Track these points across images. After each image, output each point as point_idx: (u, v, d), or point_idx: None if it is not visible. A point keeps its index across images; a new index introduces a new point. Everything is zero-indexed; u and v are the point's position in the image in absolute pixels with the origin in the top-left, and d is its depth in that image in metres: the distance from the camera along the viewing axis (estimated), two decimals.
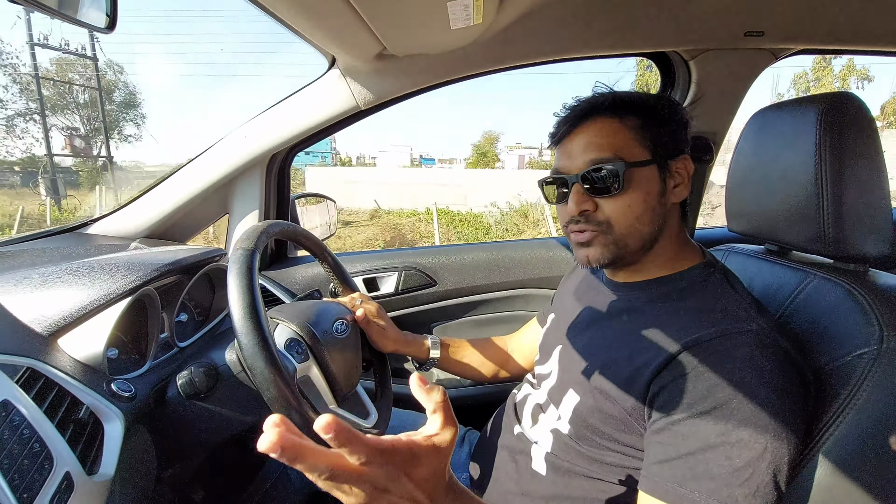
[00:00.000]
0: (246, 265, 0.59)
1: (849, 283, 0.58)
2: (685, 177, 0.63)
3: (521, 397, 0.79)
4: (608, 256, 0.63)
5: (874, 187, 0.59)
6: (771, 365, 0.50)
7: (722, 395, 0.49)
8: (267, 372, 0.55)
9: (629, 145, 0.61)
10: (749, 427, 0.48)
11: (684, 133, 0.65)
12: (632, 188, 0.61)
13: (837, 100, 0.60)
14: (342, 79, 0.98)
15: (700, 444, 0.49)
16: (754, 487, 0.46)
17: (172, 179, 1.12)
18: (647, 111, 0.63)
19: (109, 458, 0.57)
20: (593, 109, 0.63)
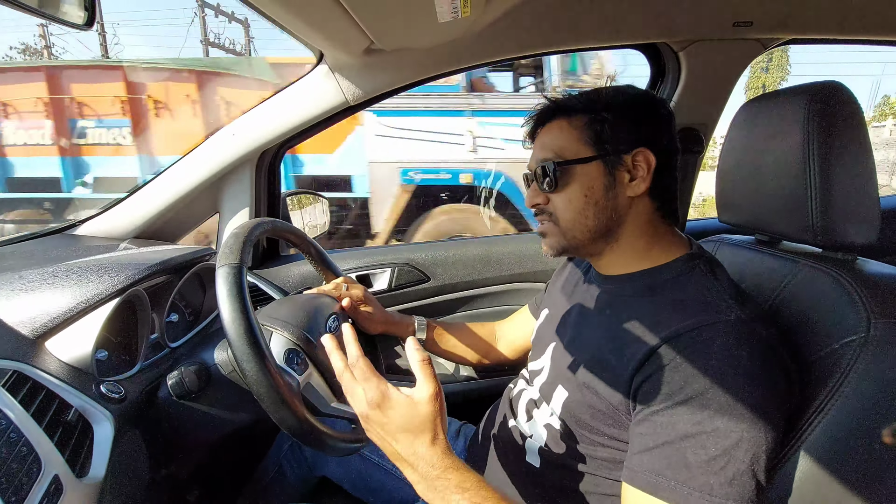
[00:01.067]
0: (236, 286, 0.58)
1: (837, 271, 0.58)
2: (645, 170, 0.63)
3: (516, 392, 0.79)
4: (558, 247, 0.68)
5: (861, 176, 0.59)
6: (747, 354, 0.50)
7: (698, 385, 0.50)
8: (275, 396, 0.55)
9: (572, 143, 0.65)
10: (724, 416, 0.48)
11: (646, 126, 0.64)
12: (570, 184, 0.65)
13: (825, 89, 0.60)
14: (330, 74, 0.97)
15: (676, 434, 0.50)
16: (730, 475, 0.47)
17: (161, 178, 1.11)
18: (594, 109, 0.64)
19: (99, 460, 0.57)
20: (548, 114, 0.69)
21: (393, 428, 0.51)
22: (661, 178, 0.64)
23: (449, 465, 0.50)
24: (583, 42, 0.99)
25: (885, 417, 0.49)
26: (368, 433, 0.54)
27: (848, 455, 0.50)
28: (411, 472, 0.51)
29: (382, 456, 0.85)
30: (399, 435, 0.51)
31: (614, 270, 0.68)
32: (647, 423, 0.52)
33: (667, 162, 0.65)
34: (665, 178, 0.65)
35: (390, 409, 0.51)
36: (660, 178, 0.64)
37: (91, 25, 0.53)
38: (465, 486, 0.50)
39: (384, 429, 0.52)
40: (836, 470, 0.50)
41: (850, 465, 0.50)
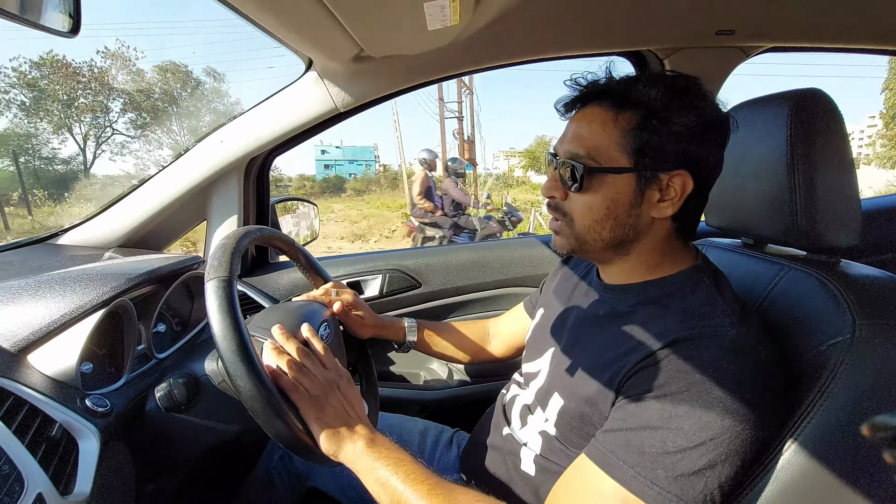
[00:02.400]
0: (226, 300, 0.57)
1: (821, 273, 0.59)
2: (678, 194, 0.57)
3: (509, 398, 0.79)
4: (568, 248, 0.65)
5: (843, 181, 0.60)
6: (737, 369, 0.50)
7: (676, 385, 0.50)
8: (269, 411, 0.54)
9: (610, 146, 0.58)
10: (692, 419, 0.48)
11: (698, 147, 0.57)
12: (594, 191, 0.59)
13: (807, 96, 0.62)
14: (319, 81, 0.97)
15: (641, 423, 0.51)
16: (679, 472, 0.47)
17: (147, 186, 1.09)
18: (650, 111, 0.56)
19: (85, 476, 0.55)
20: (595, 94, 0.61)
21: (354, 398, 0.63)
22: (691, 202, 0.59)
23: (377, 433, 0.62)
24: (571, 50, 1.01)
25: (872, 416, 0.50)
26: (325, 403, 0.60)
27: (837, 454, 0.50)
28: (356, 437, 0.59)
29: None
30: (357, 404, 0.62)
31: (618, 280, 0.67)
32: (619, 410, 0.54)
33: (704, 186, 0.60)
34: (695, 202, 0.60)
35: (353, 386, 0.65)
36: (689, 202, 0.59)
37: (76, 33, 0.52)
38: (392, 444, 0.60)
39: (347, 398, 0.62)
40: (827, 468, 0.50)
41: (839, 464, 0.50)
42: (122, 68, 16.84)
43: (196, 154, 1.06)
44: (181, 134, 17.51)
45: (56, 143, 16.93)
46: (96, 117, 16.89)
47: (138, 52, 17.73)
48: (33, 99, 16.23)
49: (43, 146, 16.61)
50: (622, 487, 0.49)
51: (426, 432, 0.97)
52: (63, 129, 16.77)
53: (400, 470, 0.56)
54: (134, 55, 17.45)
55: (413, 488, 0.55)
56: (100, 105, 16.97)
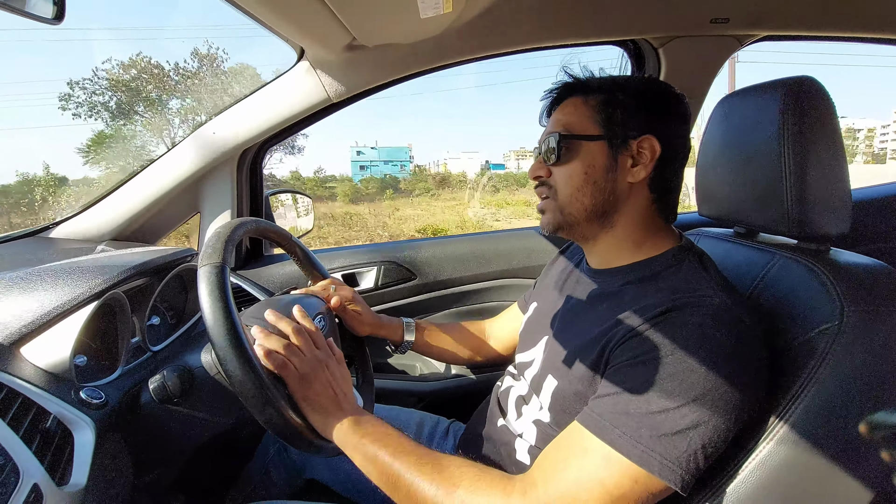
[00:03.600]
0: (218, 286, 0.57)
1: (811, 261, 0.60)
2: (648, 158, 0.63)
3: (504, 388, 0.79)
4: (555, 222, 0.69)
5: (834, 169, 0.61)
6: (721, 335, 0.51)
7: (661, 352, 0.52)
8: (260, 396, 0.54)
9: (582, 121, 0.65)
10: (676, 382, 0.50)
11: (659, 117, 0.64)
12: (573, 159, 0.65)
13: (799, 84, 0.61)
14: (312, 71, 0.95)
15: (626, 387, 0.52)
16: (662, 431, 0.49)
17: (139, 178, 1.08)
18: (612, 90, 0.65)
19: (81, 467, 0.55)
20: (565, 91, 0.70)
21: (346, 380, 0.65)
22: (664, 170, 0.65)
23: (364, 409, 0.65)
24: (564, 38, 1.00)
25: (860, 402, 0.51)
26: (313, 379, 0.62)
27: (825, 440, 0.51)
28: (343, 414, 0.61)
29: None
30: (345, 383, 0.65)
31: (606, 263, 0.69)
32: (608, 377, 0.56)
33: (673, 155, 0.65)
34: (667, 171, 0.65)
35: (343, 367, 0.67)
36: (662, 170, 0.65)
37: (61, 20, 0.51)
38: (378, 420, 0.62)
39: (335, 377, 0.64)
40: (814, 455, 0.51)
41: (827, 450, 0.51)
42: (209, 70, 16.43)
43: (188, 146, 1.05)
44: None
45: (153, 145, 16.51)
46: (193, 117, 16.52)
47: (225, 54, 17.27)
48: (128, 101, 15.97)
49: (142, 149, 16.32)
50: (607, 446, 0.50)
51: (422, 423, 0.98)
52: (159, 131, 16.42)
53: (388, 444, 0.58)
54: (223, 56, 17.12)
55: (401, 460, 0.56)
56: (193, 108, 16.62)
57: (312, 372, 0.62)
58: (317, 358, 0.64)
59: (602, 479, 0.49)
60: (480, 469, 0.56)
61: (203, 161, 1.05)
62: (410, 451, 0.57)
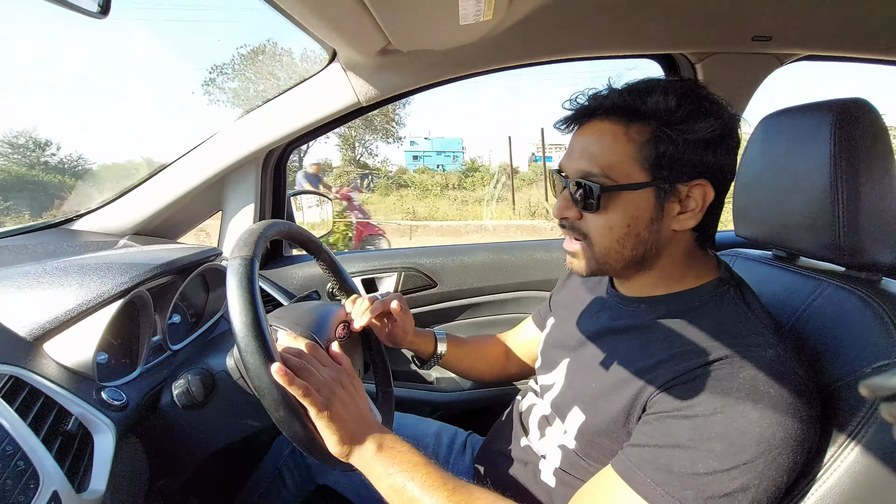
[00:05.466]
0: (246, 277, 0.55)
1: (864, 291, 0.57)
2: (699, 205, 0.55)
3: (525, 407, 0.76)
4: (588, 270, 0.62)
5: (888, 195, 0.58)
6: (776, 392, 0.48)
7: (711, 406, 0.48)
8: (276, 392, 0.52)
9: (624, 162, 0.55)
10: (725, 443, 0.46)
11: (715, 156, 0.55)
12: (613, 210, 0.57)
13: (851, 107, 0.59)
14: (343, 73, 0.94)
15: (671, 441, 0.49)
16: (708, 495, 0.45)
17: (163, 175, 1.08)
18: (663, 121, 0.54)
19: (100, 472, 0.54)
20: (600, 109, 0.58)
21: (360, 394, 0.61)
22: (711, 211, 0.58)
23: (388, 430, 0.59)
24: (600, 50, 0.98)
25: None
26: (333, 400, 0.56)
27: (884, 482, 0.48)
28: (367, 441, 0.56)
29: None
30: (362, 400, 0.60)
31: (637, 293, 0.64)
32: (648, 425, 0.52)
33: (723, 191, 0.57)
34: (714, 210, 0.58)
35: (355, 378, 0.62)
36: (710, 210, 0.57)
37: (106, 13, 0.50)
38: (403, 443, 0.58)
39: (353, 397, 0.59)
40: (872, 497, 0.48)
41: (885, 493, 0.48)
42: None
43: (214, 144, 1.05)
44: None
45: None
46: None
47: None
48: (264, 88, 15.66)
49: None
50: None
51: (440, 434, 0.95)
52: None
53: (416, 475, 0.54)
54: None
55: (431, 495, 0.53)
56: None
57: (329, 395, 0.57)
58: (331, 378, 0.59)
59: None
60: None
61: (228, 160, 1.04)
62: (440, 485, 0.53)
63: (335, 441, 0.55)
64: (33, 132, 11.22)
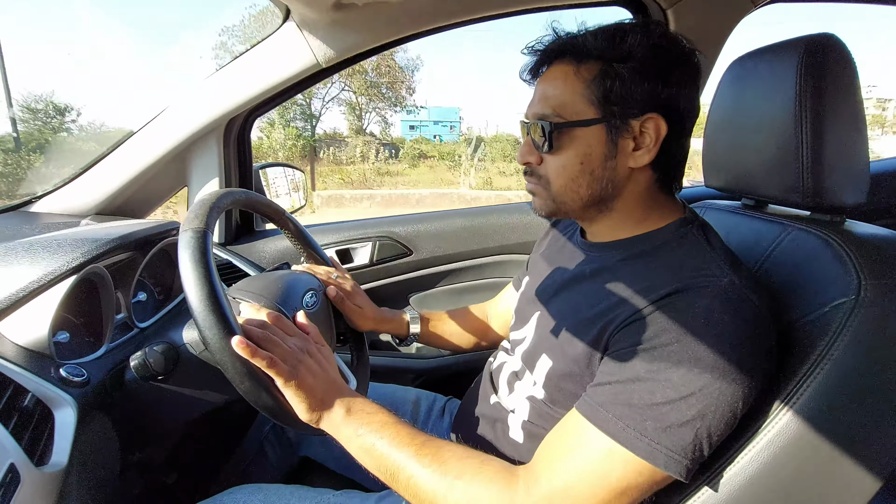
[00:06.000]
0: (199, 249, 0.54)
1: (826, 233, 0.57)
2: (653, 140, 0.56)
3: (496, 365, 0.77)
4: (546, 210, 0.64)
5: (853, 135, 0.57)
6: (730, 318, 0.48)
7: (666, 337, 0.49)
8: (239, 365, 0.52)
9: (575, 100, 0.57)
10: (681, 371, 0.47)
11: (667, 87, 0.55)
12: (566, 148, 0.58)
13: (819, 42, 0.57)
14: (299, 32, 0.90)
15: (629, 376, 0.50)
16: (667, 423, 0.47)
17: (122, 150, 1.04)
18: (611, 56, 0.55)
19: (61, 447, 0.54)
20: (555, 53, 0.60)
21: (327, 360, 0.62)
22: (669, 148, 0.57)
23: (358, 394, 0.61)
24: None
25: (876, 379, 0.49)
26: (301, 369, 0.57)
27: (837, 421, 0.49)
28: (336, 405, 0.57)
29: None
30: (331, 366, 0.61)
31: (603, 237, 0.65)
32: (607, 364, 0.53)
33: (680, 128, 0.57)
34: (673, 148, 0.58)
35: (323, 345, 0.63)
36: (667, 147, 0.57)
37: None
38: (373, 405, 0.59)
39: (320, 364, 0.60)
40: (828, 431, 0.49)
41: (838, 432, 0.49)
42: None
43: (172, 115, 1.01)
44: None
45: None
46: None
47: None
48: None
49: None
50: (610, 439, 0.48)
51: (419, 401, 0.97)
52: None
53: (385, 433, 0.55)
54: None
55: (400, 451, 0.54)
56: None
57: (295, 363, 0.57)
58: (296, 346, 0.59)
59: (606, 473, 0.48)
60: (482, 460, 0.54)
61: (188, 131, 1.00)
62: (409, 440, 0.55)
63: (304, 408, 0.56)
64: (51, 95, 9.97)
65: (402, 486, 0.53)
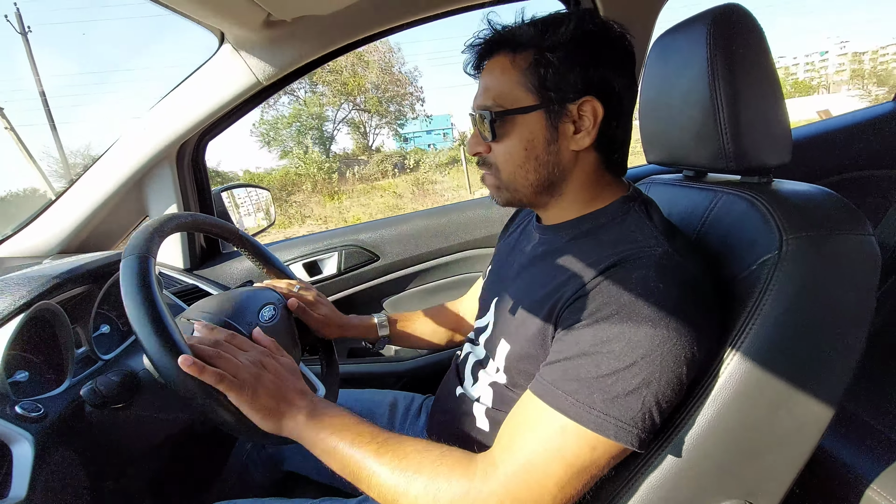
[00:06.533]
0: (139, 274, 0.54)
1: (752, 194, 0.59)
2: (591, 122, 0.58)
3: (462, 357, 0.79)
4: (503, 199, 0.65)
5: (768, 97, 0.59)
6: (665, 286, 0.50)
7: (608, 310, 0.50)
8: (189, 384, 0.52)
9: (513, 89, 0.59)
10: (623, 340, 0.49)
11: (598, 70, 0.57)
12: (510, 135, 0.60)
13: (724, 13, 0.59)
14: (235, 54, 0.91)
15: (576, 351, 0.51)
16: (614, 394, 0.48)
17: (76, 187, 1.05)
18: (542, 45, 0.57)
19: (20, 480, 0.54)
20: (492, 46, 0.62)
21: (287, 370, 0.61)
22: (609, 129, 0.60)
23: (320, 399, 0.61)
24: None
25: (801, 327, 0.51)
26: (257, 386, 0.57)
27: (774, 370, 0.51)
28: (296, 411, 0.58)
29: None
30: (291, 375, 0.61)
31: (555, 220, 0.67)
32: (557, 342, 0.54)
33: (618, 111, 0.59)
34: (613, 129, 0.60)
35: (282, 356, 0.64)
36: (607, 129, 0.59)
37: None
38: (337, 410, 0.59)
39: (278, 374, 0.60)
40: (765, 386, 0.51)
41: (776, 380, 0.51)
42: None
43: (121, 147, 1.01)
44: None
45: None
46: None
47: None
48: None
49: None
50: (562, 415, 0.49)
51: (396, 403, 0.97)
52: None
53: (346, 435, 0.56)
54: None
55: (361, 450, 0.54)
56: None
57: (251, 377, 0.57)
58: (249, 360, 0.59)
59: (560, 450, 0.49)
60: (442, 452, 0.54)
61: (140, 160, 1.01)
62: (370, 439, 0.55)
63: (260, 418, 0.56)
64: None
65: (366, 485, 0.54)
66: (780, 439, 0.54)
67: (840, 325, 0.52)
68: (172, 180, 1.06)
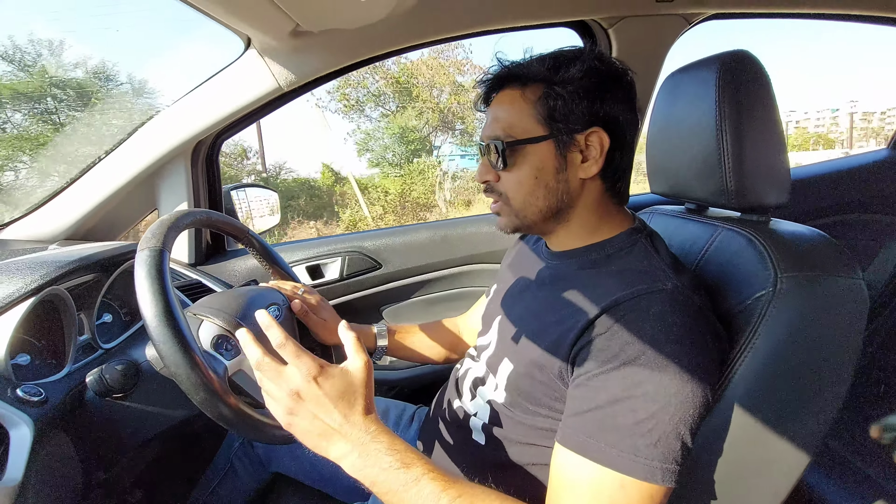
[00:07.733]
0: (155, 267, 0.56)
1: (750, 232, 0.62)
2: (598, 151, 0.61)
3: (462, 371, 0.79)
4: (511, 226, 0.67)
5: (771, 141, 0.62)
6: (681, 321, 0.52)
7: (632, 351, 0.51)
8: (194, 377, 0.53)
9: (523, 119, 0.62)
10: (654, 381, 0.49)
11: (604, 103, 0.61)
12: (520, 165, 0.63)
13: (735, 58, 0.63)
14: (260, 59, 0.94)
15: (608, 398, 0.51)
16: (656, 437, 0.48)
17: (91, 174, 1.06)
18: (551, 80, 0.61)
19: (16, 463, 0.54)
20: (502, 80, 0.65)
21: (331, 398, 0.52)
22: (614, 159, 0.63)
23: (380, 429, 0.53)
24: (513, 20, 1.00)
25: (792, 362, 0.54)
26: (293, 415, 0.53)
27: (760, 399, 0.54)
28: (343, 443, 0.52)
29: None
30: (337, 403, 0.52)
31: (563, 247, 0.69)
32: (583, 388, 0.54)
33: (622, 140, 0.63)
34: (618, 158, 0.63)
35: (328, 380, 0.52)
36: (612, 158, 0.62)
37: None
38: (395, 447, 0.51)
39: (319, 402, 0.52)
40: (755, 411, 0.53)
41: (766, 406, 0.54)
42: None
43: (139, 140, 1.03)
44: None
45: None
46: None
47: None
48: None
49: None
50: (611, 470, 0.49)
51: (388, 412, 0.98)
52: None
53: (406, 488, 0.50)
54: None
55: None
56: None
57: (282, 411, 0.53)
58: (286, 392, 0.53)
59: (615, 502, 0.48)
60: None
61: (155, 155, 1.03)
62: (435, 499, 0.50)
63: (311, 447, 0.53)
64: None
65: None
66: (760, 472, 0.56)
67: (826, 366, 0.55)
68: (186, 176, 1.07)
